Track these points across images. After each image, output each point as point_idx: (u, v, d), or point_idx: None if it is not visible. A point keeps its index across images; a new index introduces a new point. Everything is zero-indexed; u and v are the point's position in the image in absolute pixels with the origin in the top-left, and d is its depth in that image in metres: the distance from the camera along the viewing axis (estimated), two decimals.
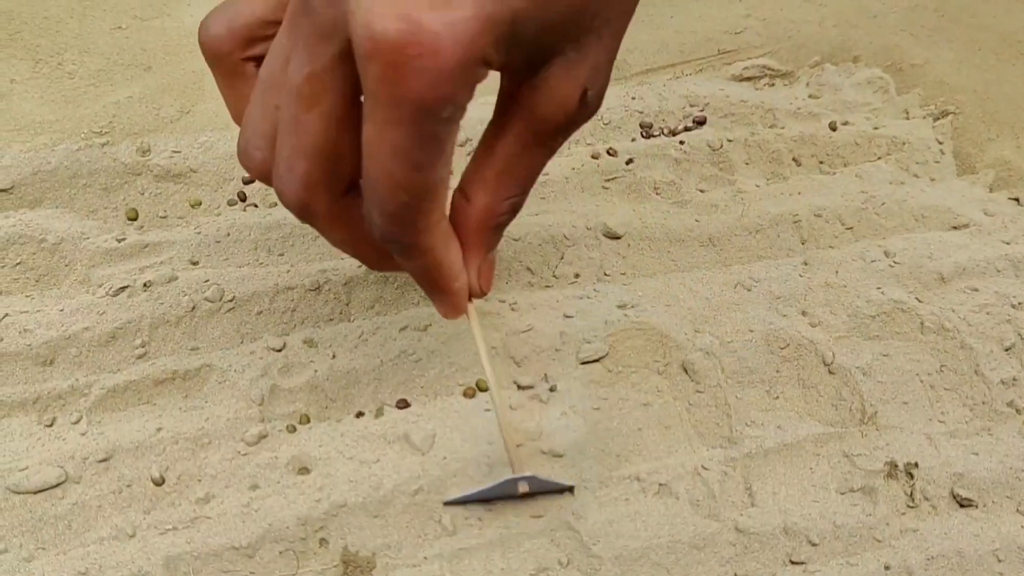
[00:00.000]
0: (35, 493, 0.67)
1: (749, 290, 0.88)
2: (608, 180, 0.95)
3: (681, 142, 1.00)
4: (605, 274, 0.88)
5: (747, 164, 1.00)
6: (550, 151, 0.51)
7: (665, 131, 1.03)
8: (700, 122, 1.05)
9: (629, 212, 0.92)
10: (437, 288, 0.53)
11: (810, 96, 1.08)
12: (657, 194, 0.95)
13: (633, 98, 1.05)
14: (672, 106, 1.04)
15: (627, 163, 0.97)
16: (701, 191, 0.97)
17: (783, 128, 1.04)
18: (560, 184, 0.94)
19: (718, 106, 1.05)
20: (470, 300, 0.56)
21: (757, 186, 0.97)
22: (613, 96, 1.05)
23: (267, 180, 0.48)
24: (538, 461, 0.68)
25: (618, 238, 0.90)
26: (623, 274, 0.89)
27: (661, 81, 1.08)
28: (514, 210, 0.53)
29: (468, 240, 0.52)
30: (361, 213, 0.47)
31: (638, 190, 0.95)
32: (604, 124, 1.03)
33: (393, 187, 0.43)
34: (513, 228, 0.89)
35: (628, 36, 1.13)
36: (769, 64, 1.11)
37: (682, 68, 1.09)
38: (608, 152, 0.98)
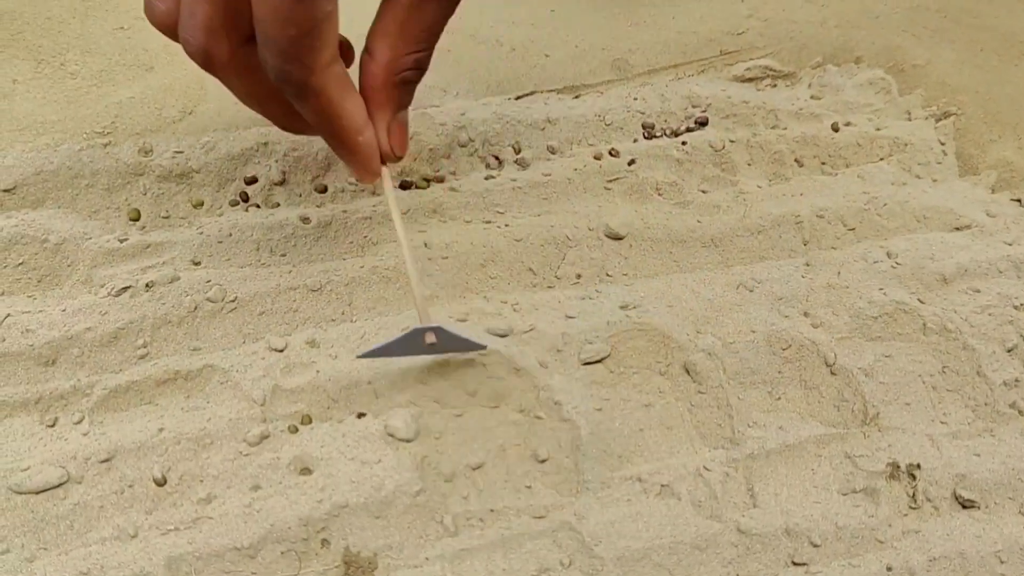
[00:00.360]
0: (37, 493, 0.67)
1: (751, 291, 0.87)
2: (610, 181, 0.95)
3: (683, 143, 1.00)
4: (607, 275, 0.88)
5: (749, 165, 1.00)
6: (448, 4, 0.52)
7: (667, 132, 1.03)
8: (702, 123, 1.05)
9: (631, 213, 0.91)
10: (341, 142, 0.53)
11: (812, 97, 1.08)
12: (659, 195, 0.95)
13: (635, 99, 1.05)
14: (674, 107, 1.04)
15: (629, 164, 0.97)
16: (703, 192, 0.97)
17: (785, 129, 1.04)
18: (562, 185, 0.94)
19: (720, 107, 1.04)
20: (384, 164, 0.57)
21: (759, 187, 0.97)
22: (615, 97, 1.05)
23: (172, 33, 0.50)
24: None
25: (620, 239, 0.90)
26: (625, 275, 0.89)
27: (663, 82, 1.08)
28: (419, 67, 0.54)
29: (374, 97, 0.53)
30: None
31: (640, 191, 0.95)
32: (606, 125, 1.03)
33: (280, 21, 0.44)
34: (515, 228, 0.89)
35: (630, 36, 1.13)
36: (771, 65, 1.10)
37: (684, 69, 1.09)
38: (610, 153, 0.98)
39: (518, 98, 1.03)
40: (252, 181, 0.89)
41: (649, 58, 1.09)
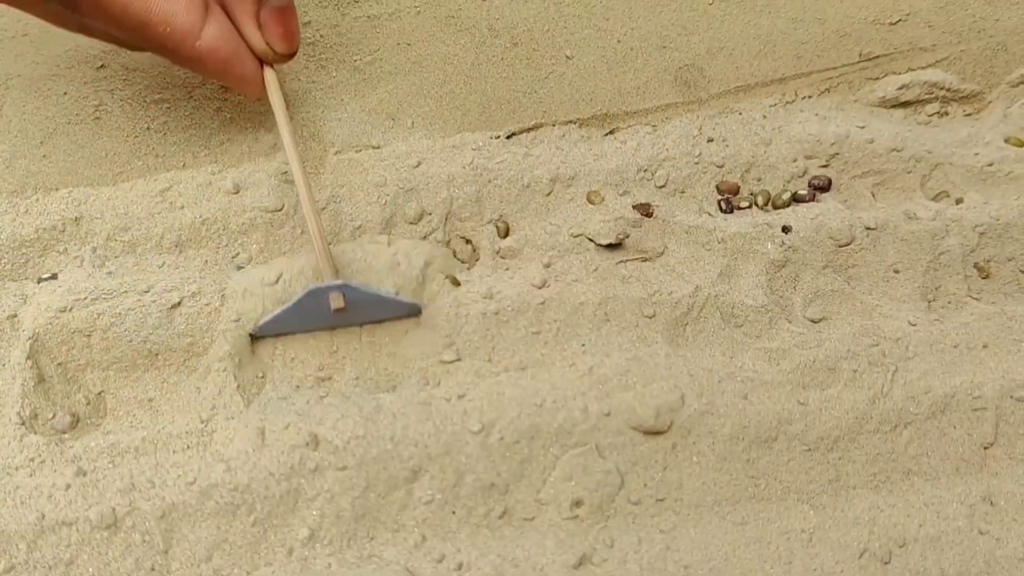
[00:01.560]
0: None
1: (886, 563, 0.48)
2: (650, 305, 0.55)
3: (785, 228, 0.59)
4: (631, 502, 0.50)
5: (896, 274, 0.58)
6: None
7: (760, 202, 0.62)
8: (821, 188, 0.63)
9: (681, 371, 0.53)
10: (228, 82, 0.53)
11: (1012, 141, 0.65)
12: (738, 328, 0.55)
13: (709, 139, 0.64)
14: (775, 156, 0.63)
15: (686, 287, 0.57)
16: (812, 323, 0.56)
17: (962, 204, 0.62)
18: (568, 313, 0.55)
19: (853, 158, 0.63)
20: (269, 65, 0.53)
21: (912, 324, 0.56)
22: (676, 134, 0.64)
23: None
24: None
25: (658, 434, 0.51)
26: (660, 501, 0.50)
27: (758, 108, 0.66)
28: None
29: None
30: None
31: (700, 325, 0.55)
32: (657, 187, 0.62)
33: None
34: (478, 406, 0.51)
35: (709, 27, 0.69)
36: (943, 81, 0.67)
37: (795, 86, 0.66)
38: (641, 256, 0.58)
39: (512, 135, 0.62)
40: None
41: (738, 66, 0.67)
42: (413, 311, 0.55)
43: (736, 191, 0.63)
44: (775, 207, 0.62)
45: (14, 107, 0.65)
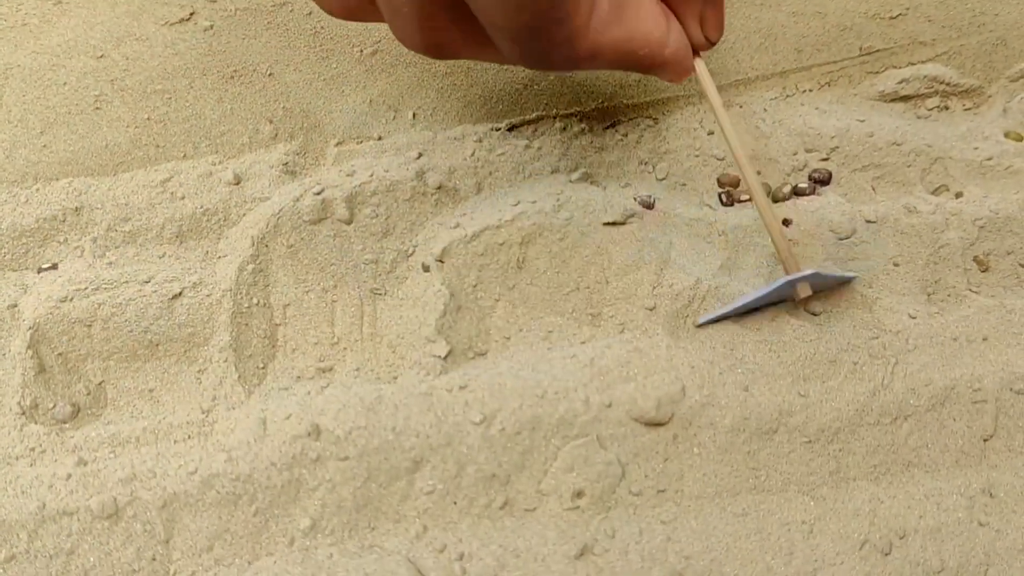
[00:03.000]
0: None
1: (885, 555, 0.48)
2: (651, 295, 0.56)
3: (786, 222, 0.59)
4: (632, 493, 0.51)
5: (896, 267, 0.58)
6: None
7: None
8: (820, 181, 0.63)
9: (682, 365, 0.53)
10: (645, 69, 0.50)
11: (1011, 136, 0.65)
12: (740, 321, 0.55)
13: (710, 132, 0.64)
14: (775, 149, 0.63)
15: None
16: (812, 317, 0.56)
17: (961, 198, 0.62)
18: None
19: (853, 151, 0.63)
20: (697, 55, 0.53)
21: (912, 317, 0.56)
22: (676, 128, 0.64)
23: (354, 16, 0.48)
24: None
25: (659, 425, 0.51)
26: (661, 492, 0.50)
27: (758, 102, 0.66)
28: None
29: None
30: None
31: (690, 318, 0.56)
32: (659, 180, 0.62)
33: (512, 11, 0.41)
34: (480, 396, 0.51)
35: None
36: (943, 75, 0.67)
37: (796, 80, 0.67)
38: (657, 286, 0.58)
39: (513, 127, 0.62)
40: None
41: (738, 59, 0.67)
42: (852, 279, 0.58)
43: (737, 184, 0.63)
44: (775, 200, 0.62)
45: (14, 97, 0.65)
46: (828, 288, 0.57)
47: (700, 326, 0.56)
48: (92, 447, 0.52)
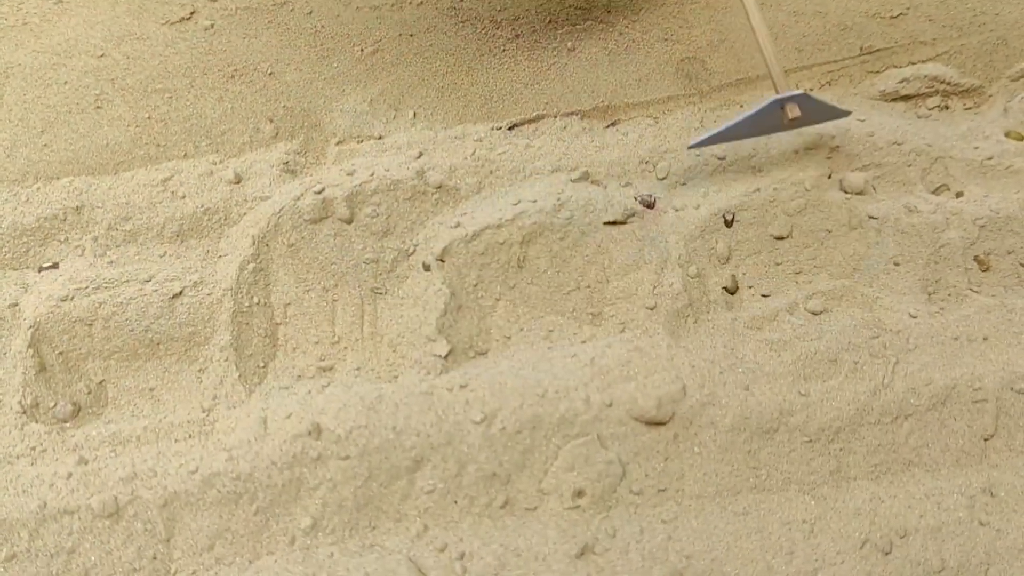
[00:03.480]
0: None
1: (886, 554, 0.48)
2: (652, 295, 0.56)
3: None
4: (633, 492, 0.50)
5: (896, 267, 0.58)
6: None
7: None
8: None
9: (683, 356, 0.52)
10: None
11: (1011, 135, 0.65)
12: (741, 320, 0.55)
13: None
14: (776, 148, 0.62)
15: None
16: (812, 316, 0.56)
17: (962, 198, 0.62)
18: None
19: (854, 149, 0.63)
20: None
21: (912, 316, 0.56)
22: (677, 126, 0.64)
23: None
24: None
25: (660, 424, 0.51)
26: (662, 491, 0.50)
27: (759, 101, 0.65)
28: None
29: None
30: None
31: (705, 317, 0.56)
32: (660, 179, 0.62)
33: None
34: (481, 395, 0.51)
35: (712, 20, 0.70)
36: (943, 75, 0.67)
37: (797, 79, 0.66)
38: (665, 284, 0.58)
39: (514, 127, 0.62)
40: None
41: (739, 58, 0.67)
42: (844, 115, 0.60)
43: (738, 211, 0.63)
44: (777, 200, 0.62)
45: (15, 96, 0.65)
46: (819, 117, 0.59)
47: (692, 147, 0.58)
48: (93, 446, 0.52)
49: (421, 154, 0.63)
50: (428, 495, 0.51)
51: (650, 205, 0.59)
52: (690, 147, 0.57)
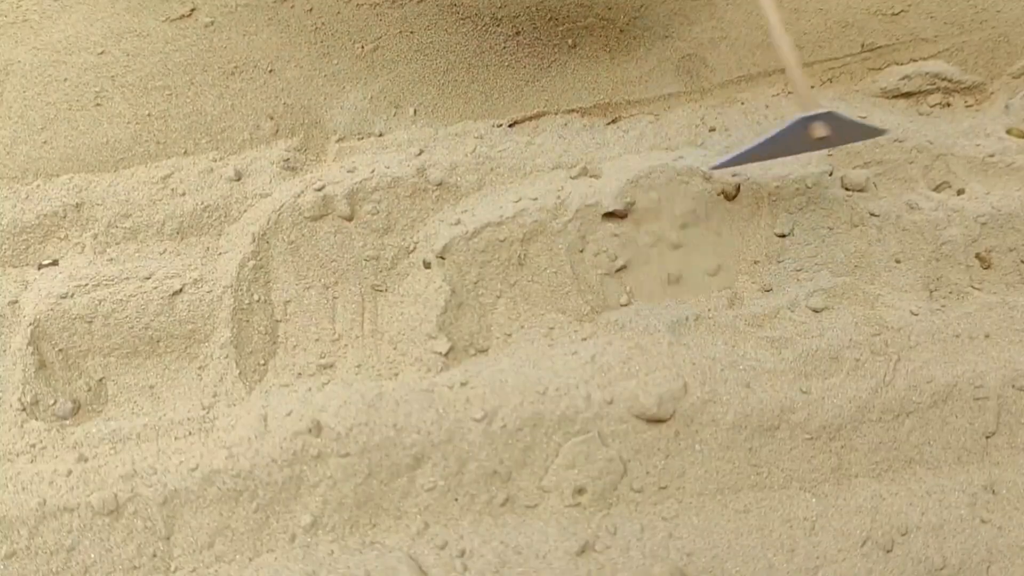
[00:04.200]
0: None
1: (887, 552, 0.48)
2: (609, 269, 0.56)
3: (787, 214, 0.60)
4: (633, 489, 0.50)
5: (897, 264, 0.58)
6: None
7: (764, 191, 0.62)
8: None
9: (684, 361, 0.52)
10: None
11: (1013, 132, 0.65)
12: (742, 318, 0.55)
13: (712, 129, 0.64)
14: None
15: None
16: (814, 314, 0.56)
17: (963, 195, 0.62)
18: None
19: (855, 147, 0.63)
20: None
21: (914, 313, 0.56)
22: (678, 123, 0.64)
23: None
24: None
25: (660, 422, 0.51)
26: (662, 488, 0.50)
27: (761, 98, 0.65)
28: None
29: None
30: None
31: (706, 314, 0.55)
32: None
33: None
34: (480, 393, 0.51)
35: (713, 16, 0.70)
36: (945, 71, 0.67)
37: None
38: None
39: (515, 124, 0.62)
40: None
41: (740, 55, 0.67)
42: (879, 133, 0.58)
43: (738, 189, 0.63)
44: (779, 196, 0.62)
45: (15, 93, 0.65)
46: (850, 136, 0.57)
47: (715, 168, 0.57)
48: (93, 443, 0.52)
49: (422, 151, 0.63)
50: (428, 493, 0.51)
51: (623, 216, 0.58)
52: (712, 168, 0.57)
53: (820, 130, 0.54)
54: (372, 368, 0.56)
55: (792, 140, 0.54)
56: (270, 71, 0.68)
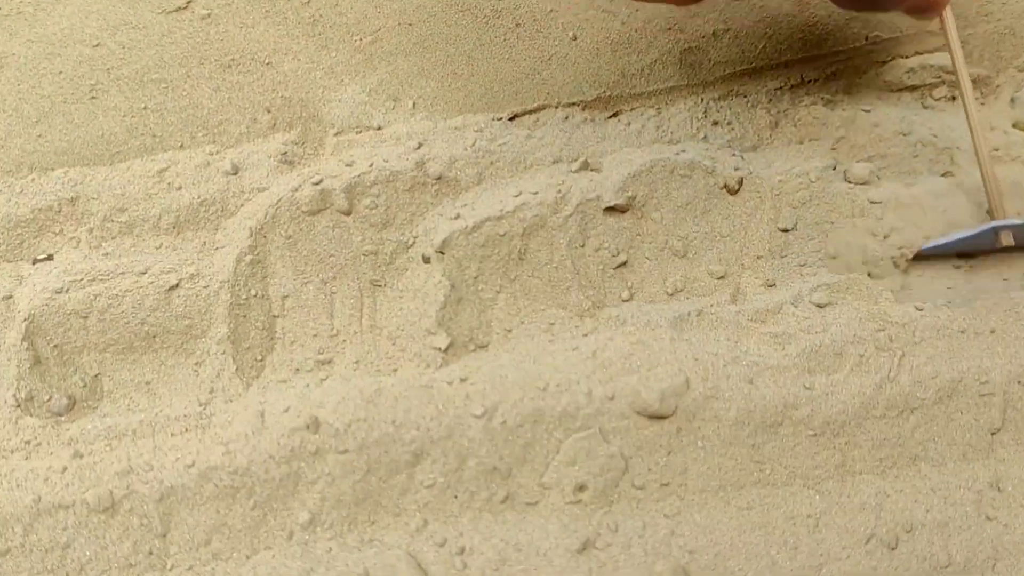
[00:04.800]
0: None
1: (892, 549, 0.47)
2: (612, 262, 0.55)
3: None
4: (635, 486, 0.50)
5: (902, 261, 0.57)
6: None
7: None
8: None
9: (685, 356, 0.52)
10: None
11: (1019, 126, 0.64)
12: (745, 313, 0.55)
13: (715, 122, 0.63)
14: (780, 139, 0.62)
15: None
16: (817, 309, 0.55)
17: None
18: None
19: (859, 140, 0.62)
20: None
21: (919, 309, 0.55)
22: (679, 116, 0.63)
23: None
24: None
25: (661, 418, 0.50)
26: (664, 485, 0.50)
27: (763, 92, 0.65)
28: None
29: None
30: None
31: (709, 309, 0.55)
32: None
33: None
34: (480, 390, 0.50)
35: (713, 8, 0.69)
36: (950, 65, 0.66)
37: (800, 70, 0.65)
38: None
39: (515, 117, 0.61)
40: None
41: (743, 48, 0.66)
42: None
43: (740, 182, 0.62)
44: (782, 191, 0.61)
45: (9, 86, 0.64)
46: None
47: (920, 255, 0.58)
48: (88, 440, 0.52)
49: (420, 145, 0.62)
50: (428, 489, 0.50)
51: (624, 210, 0.58)
52: (920, 252, 0.58)
53: (1007, 238, 0.56)
54: (371, 364, 0.56)
55: (981, 241, 0.57)
56: (267, 64, 0.67)
